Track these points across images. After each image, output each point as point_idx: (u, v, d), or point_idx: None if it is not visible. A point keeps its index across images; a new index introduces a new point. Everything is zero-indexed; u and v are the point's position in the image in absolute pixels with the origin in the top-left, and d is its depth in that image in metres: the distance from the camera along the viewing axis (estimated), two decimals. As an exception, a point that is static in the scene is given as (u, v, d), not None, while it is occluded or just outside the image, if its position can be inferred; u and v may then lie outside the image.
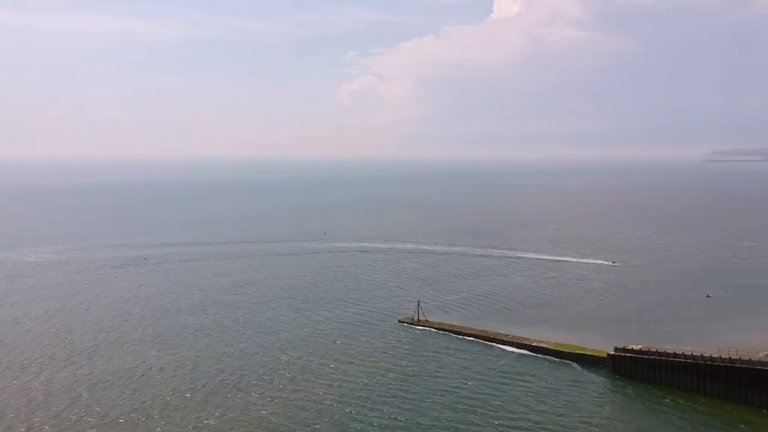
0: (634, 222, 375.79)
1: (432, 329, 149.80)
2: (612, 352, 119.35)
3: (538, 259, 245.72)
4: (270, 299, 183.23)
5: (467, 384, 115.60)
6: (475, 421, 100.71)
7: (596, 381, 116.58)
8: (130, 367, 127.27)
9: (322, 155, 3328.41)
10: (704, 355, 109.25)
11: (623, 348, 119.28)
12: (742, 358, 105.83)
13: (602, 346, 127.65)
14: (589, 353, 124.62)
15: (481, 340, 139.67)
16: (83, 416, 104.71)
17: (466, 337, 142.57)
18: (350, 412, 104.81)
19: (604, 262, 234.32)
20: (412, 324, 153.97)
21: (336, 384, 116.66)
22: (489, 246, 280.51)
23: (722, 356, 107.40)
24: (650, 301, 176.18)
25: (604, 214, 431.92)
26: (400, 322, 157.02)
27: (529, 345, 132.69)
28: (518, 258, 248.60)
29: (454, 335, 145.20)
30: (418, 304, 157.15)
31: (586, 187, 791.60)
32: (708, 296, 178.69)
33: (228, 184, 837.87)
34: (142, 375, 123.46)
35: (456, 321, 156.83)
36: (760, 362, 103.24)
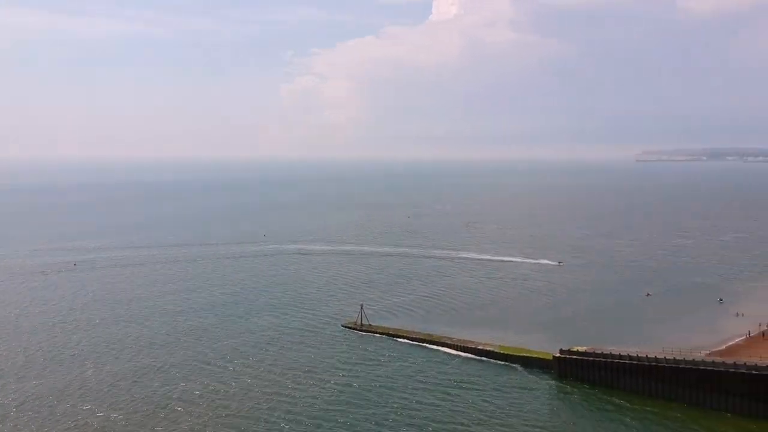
0: (574, 221, 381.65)
1: (376, 334, 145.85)
2: (557, 355, 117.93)
3: (482, 259, 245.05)
4: (209, 306, 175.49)
5: (412, 391, 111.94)
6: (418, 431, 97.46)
7: (542, 384, 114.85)
8: (65, 382, 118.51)
9: (261, 156, 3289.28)
10: (648, 356, 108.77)
11: (568, 350, 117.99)
12: (686, 359, 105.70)
13: (548, 347, 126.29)
14: (534, 356, 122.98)
15: (426, 344, 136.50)
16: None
17: (411, 341, 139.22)
18: (290, 427, 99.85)
19: (549, 262, 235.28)
20: (356, 329, 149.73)
21: (279, 395, 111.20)
22: (432, 246, 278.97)
23: (666, 357, 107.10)
24: (594, 300, 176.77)
25: (544, 213, 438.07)
26: (343, 327, 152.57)
27: (475, 348, 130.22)
28: (462, 258, 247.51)
29: (398, 339, 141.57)
30: (362, 307, 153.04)
31: (526, 187, 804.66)
32: (648, 295, 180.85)
33: (164, 186, 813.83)
34: (80, 388, 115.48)
35: (400, 324, 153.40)
36: (704, 362, 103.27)
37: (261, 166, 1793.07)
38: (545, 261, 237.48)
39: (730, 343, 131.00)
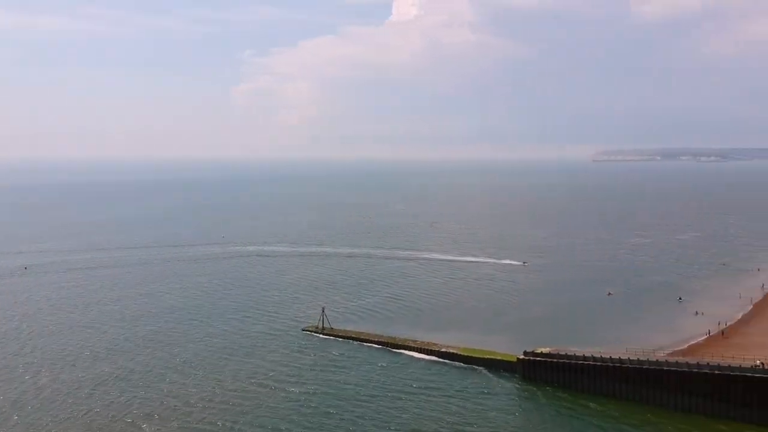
0: (535, 220, 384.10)
1: (338, 337, 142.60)
2: (521, 357, 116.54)
3: (446, 260, 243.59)
4: (168, 310, 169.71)
5: (374, 397, 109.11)
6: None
7: (507, 387, 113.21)
8: (18, 393, 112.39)
9: (220, 156, 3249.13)
10: (612, 357, 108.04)
11: (533, 351, 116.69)
12: (650, 359, 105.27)
13: (513, 349, 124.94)
14: (499, 358, 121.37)
15: (389, 347, 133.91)
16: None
17: (373, 345, 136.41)
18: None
19: (513, 262, 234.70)
20: (317, 332, 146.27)
21: (239, 404, 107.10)
22: (395, 247, 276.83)
23: (630, 357, 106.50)
24: (558, 300, 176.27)
25: (506, 212, 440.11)
26: (304, 330, 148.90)
27: (438, 351, 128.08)
28: (426, 259, 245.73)
29: (360, 343, 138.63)
30: (323, 311, 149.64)
31: (487, 187, 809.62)
32: (609, 294, 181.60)
33: (119, 187, 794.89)
34: (34, 398, 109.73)
35: (363, 327, 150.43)
36: (667, 363, 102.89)
37: (220, 166, 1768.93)
38: (509, 261, 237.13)
39: (692, 342, 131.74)
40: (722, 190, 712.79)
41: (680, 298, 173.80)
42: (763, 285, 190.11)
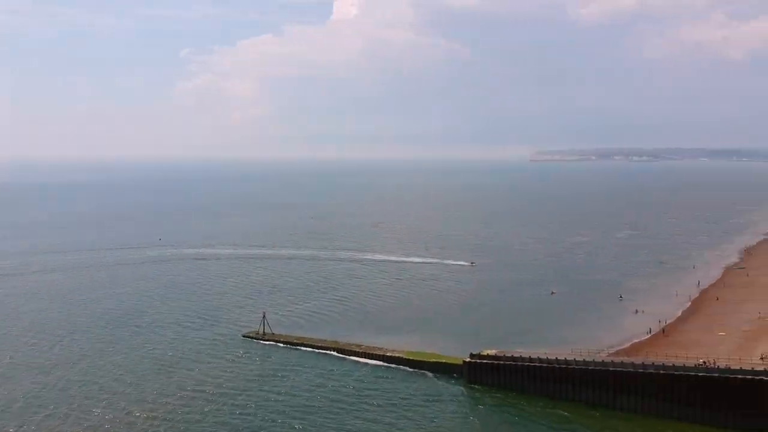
0: (477, 219, 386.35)
1: (279, 343, 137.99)
2: (467, 359, 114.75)
3: (391, 260, 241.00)
4: (98, 319, 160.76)
5: (317, 406, 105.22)
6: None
7: (452, 391, 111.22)
8: None
9: (159, 156, 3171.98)
10: (558, 358, 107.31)
11: (478, 354, 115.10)
12: (595, 360, 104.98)
13: (459, 351, 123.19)
14: (444, 361, 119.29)
15: (333, 352, 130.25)
16: None
17: (317, 350, 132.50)
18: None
19: (459, 262, 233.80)
20: (258, 338, 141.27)
21: (175, 419, 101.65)
22: (339, 248, 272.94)
23: (576, 359, 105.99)
24: (503, 300, 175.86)
25: (449, 212, 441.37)
26: (244, 336, 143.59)
27: (383, 355, 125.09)
28: (371, 260, 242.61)
29: (303, 348, 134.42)
30: (264, 315, 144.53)
31: (431, 186, 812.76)
32: (553, 293, 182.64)
33: (50, 188, 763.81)
34: None
35: (306, 332, 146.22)
36: (613, 363, 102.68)
37: (157, 167, 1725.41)
38: (454, 261, 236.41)
39: (634, 341, 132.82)
40: (655, 189, 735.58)
41: (621, 297, 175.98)
42: (699, 282, 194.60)
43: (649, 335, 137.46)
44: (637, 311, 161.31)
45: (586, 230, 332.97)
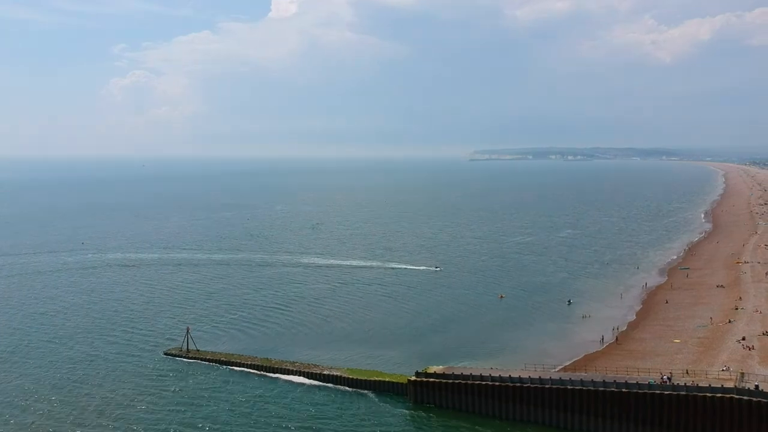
0: (419, 218, 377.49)
1: (204, 361, 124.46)
2: (413, 378, 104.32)
3: (332, 264, 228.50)
4: (6, 332, 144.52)
5: (251, 427, 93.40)
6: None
7: (397, 414, 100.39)
8: None
9: (88, 154, 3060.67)
10: (512, 375, 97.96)
11: (424, 372, 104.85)
12: (552, 378, 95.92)
13: (405, 368, 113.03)
14: (388, 380, 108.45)
15: (264, 372, 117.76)
16: None
17: (247, 369, 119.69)
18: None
19: (404, 266, 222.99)
20: (181, 356, 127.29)
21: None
22: (276, 251, 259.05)
23: (531, 376, 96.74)
24: (450, 307, 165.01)
25: (389, 212, 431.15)
26: (165, 354, 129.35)
27: (320, 374, 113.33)
28: (310, 264, 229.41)
29: (231, 367, 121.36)
30: (188, 331, 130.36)
31: (369, 186, 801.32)
32: (501, 297, 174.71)
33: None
34: None
35: (235, 347, 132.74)
36: (571, 381, 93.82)
37: (85, 165, 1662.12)
38: (399, 264, 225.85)
39: (588, 352, 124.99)
40: (592, 187, 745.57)
41: (569, 301, 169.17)
42: (645, 284, 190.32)
43: (603, 344, 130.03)
44: (585, 316, 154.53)
45: (529, 229, 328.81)
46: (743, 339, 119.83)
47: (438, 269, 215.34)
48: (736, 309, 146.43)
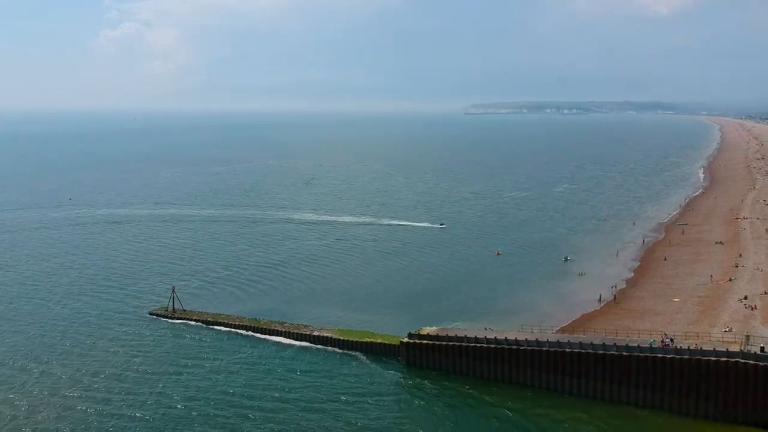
0: (416, 173, 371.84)
1: (191, 321, 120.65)
2: (405, 340, 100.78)
3: (326, 221, 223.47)
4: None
5: (232, 398, 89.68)
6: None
7: (389, 377, 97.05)
8: None
9: (80, 107, 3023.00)
10: (508, 338, 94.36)
11: (417, 333, 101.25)
12: (549, 340, 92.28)
13: (397, 329, 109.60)
14: (379, 341, 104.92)
15: (252, 333, 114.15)
16: None
17: (234, 330, 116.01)
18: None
19: (400, 222, 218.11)
20: (166, 316, 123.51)
21: (69, 411, 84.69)
22: (268, 207, 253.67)
23: (528, 338, 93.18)
24: (446, 264, 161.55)
25: (385, 166, 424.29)
26: (150, 314, 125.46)
27: (310, 335, 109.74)
28: (304, 221, 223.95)
29: (218, 327, 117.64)
30: (173, 290, 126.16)
31: (365, 140, 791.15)
32: (498, 254, 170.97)
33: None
34: None
35: (223, 308, 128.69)
36: (569, 344, 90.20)
37: (77, 118, 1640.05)
38: (394, 221, 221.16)
39: (586, 312, 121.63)
40: (587, 141, 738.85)
41: (566, 258, 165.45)
42: (644, 240, 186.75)
43: (601, 303, 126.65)
44: (581, 274, 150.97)
45: (526, 184, 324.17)
46: (745, 298, 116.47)
47: (443, 226, 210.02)
48: (737, 266, 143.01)
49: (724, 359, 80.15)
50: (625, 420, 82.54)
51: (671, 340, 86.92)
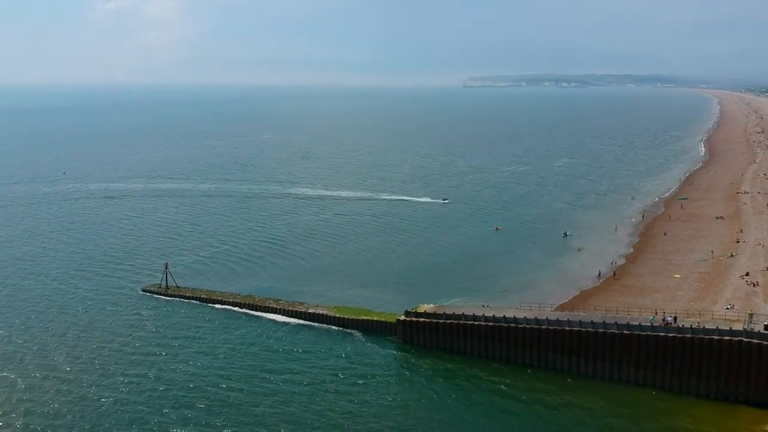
0: (415, 148, 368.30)
1: (184, 299, 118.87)
2: (402, 318, 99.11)
3: (322, 195, 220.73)
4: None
5: (225, 378, 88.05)
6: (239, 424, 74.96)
7: (385, 355, 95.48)
8: None
9: (75, 80, 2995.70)
10: (506, 316, 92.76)
11: (414, 311, 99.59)
12: (549, 319, 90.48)
13: (394, 306, 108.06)
14: (376, 319, 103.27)
15: (247, 310, 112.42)
16: None
17: (228, 307, 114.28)
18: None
19: (399, 197, 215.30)
20: (160, 293, 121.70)
21: (68, 390, 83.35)
22: (264, 181, 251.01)
23: (527, 317, 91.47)
24: (445, 240, 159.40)
25: (383, 140, 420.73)
26: (144, 291, 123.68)
27: (305, 312, 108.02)
28: (300, 195, 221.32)
29: (212, 305, 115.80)
30: (166, 267, 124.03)
31: (364, 114, 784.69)
32: (497, 229, 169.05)
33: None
34: None
35: (217, 285, 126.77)
36: (570, 322, 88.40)
37: (71, 92, 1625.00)
38: (392, 196, 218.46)
39: (585, 288, 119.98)
40: (587, 114, 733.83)
41: (565, 233, 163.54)
42: (643, 215, 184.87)
43: (600, 279, 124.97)
44: (581, 249, 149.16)
45: (525, 158, 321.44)
46: (747, 274, 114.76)
47: (446, 201, 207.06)
48: (738, 242, 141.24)
49: (727, 338, 78.57)
50: (624, 399, 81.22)
51: (674, 318, 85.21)
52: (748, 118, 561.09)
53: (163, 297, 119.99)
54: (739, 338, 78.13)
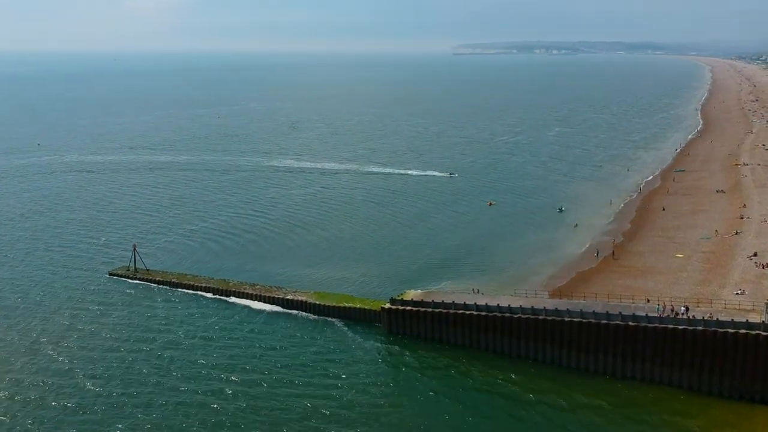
0: (406, 117, 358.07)
1: (153, 283, 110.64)
2: (387, 306, 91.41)
3: (310, 168, 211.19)
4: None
5: (199, 369, 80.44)
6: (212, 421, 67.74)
7: (368, 347, 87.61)
8: None
9: (58, 48, 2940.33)
10: (500, 304, 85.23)
11: (400, 298, 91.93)
12: (546, 308, 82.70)
13: (381, 291, 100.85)
14: (359, 306, 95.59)
15: (220, 296, 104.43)
16: None
17: (201, 292, 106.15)
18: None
19: (396, 171, 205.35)
20: (127, 276, 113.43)
21: (25, 386, 75.65)
22: (251, 152, 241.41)
23: (522, 305, 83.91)
24: (437, 216, 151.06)
25: (374, 109, 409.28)
26: (111, 275, 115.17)
27: (283, 299, 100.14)
28: (287, 168, 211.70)
29: (183, 290, 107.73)
30: (134, 249, 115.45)
31: (352, 81, 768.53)
32: (490, 204, 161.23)
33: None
34: None
35: (191, 267, 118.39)
36: (569, 312, 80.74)
37: (54, 60, 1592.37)
38: (384, 169, 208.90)
39: (582, 269, 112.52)
40: (580, 82, 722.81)
41: (561, 209, 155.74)
42: (640, 188, 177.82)
43: (598, 259, 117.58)
44: (577, 225, 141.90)
45: (518, 127, 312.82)
46: (755, 255, 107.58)
47: (453, 175, 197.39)
48: (742, 218, 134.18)
49: (744, 331, 71.43)
50: (631, 396, 74.39)
51: (686, 308, 77.89)
52: (741, 86, 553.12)
53: (130, 280, 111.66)
54: (757, 332, 71.01)
